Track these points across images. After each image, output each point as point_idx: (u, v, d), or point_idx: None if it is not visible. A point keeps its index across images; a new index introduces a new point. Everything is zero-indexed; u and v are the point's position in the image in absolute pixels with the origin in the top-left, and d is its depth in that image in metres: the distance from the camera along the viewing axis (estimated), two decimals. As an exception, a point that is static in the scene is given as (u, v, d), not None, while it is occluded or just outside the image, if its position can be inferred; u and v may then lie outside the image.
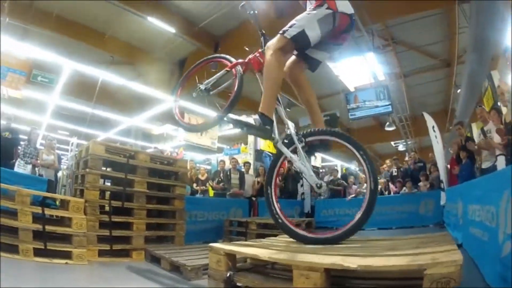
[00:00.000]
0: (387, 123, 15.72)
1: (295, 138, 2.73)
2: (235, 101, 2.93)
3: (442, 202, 8.50)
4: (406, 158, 12.08)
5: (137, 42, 12.31)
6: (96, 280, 3.70)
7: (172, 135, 18.10)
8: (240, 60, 3.04)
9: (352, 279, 2.16)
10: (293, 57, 2.96)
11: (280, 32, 2.66)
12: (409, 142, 18.75)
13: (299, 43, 2.67)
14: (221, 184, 9.85)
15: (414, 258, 1.71)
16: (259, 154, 13.44)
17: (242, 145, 14.82)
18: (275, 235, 3.70)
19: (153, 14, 10.04)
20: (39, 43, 9.72)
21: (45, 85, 11.21)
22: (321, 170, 14.89)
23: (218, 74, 3.16)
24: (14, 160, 7.89)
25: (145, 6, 9.82)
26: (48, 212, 4.31)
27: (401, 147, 20.01)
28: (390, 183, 11.26)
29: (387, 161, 12.94)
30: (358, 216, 2.49)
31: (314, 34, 2.61)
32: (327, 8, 2.61)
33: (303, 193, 11.40)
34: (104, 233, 4.71)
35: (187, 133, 14.99)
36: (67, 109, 14.65)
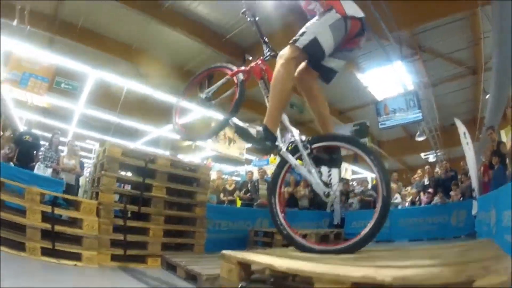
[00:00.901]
0: (418, 132, 15.20)
1: (300, 145, 2.54)
2: (237, 108, 2.83)
3: (474, 212, 8.21)
4: (437, 169, 11.57)
5: (164, 54, 12.30)
6: (96, 282, 3.58)
7: (201, 147, 17.99)
8: (241, 68, 2.93)
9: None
10: (303, 64, 2.73)
11: (291, 41, 2.46)
12: (438, 153, 18.13)
13: (312, 52, 2.47)
14: (248, 195, 9.67)
15: (462, 268, 1.40)
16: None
17: (271, 156, 14.56)
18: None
19: (181, 26, 10.16)
20: (63, 52, 9.89)
21: (69, 93, 11.34)
22: (351, 183, 14.45)
23: (218, 82, 3.09)
24: (34, 163, 8.17)
25: (172, 18, 9.91)
26: (57, 211, 4.21)
27: (431, 158, 19.36)
28: (421, 193, 10.81)
29: (418, 171, 12.45)
30: (369, 226, 2.22)
31: (327, 41, 2.41)
32: (336, 13, 2.41)
33: (332, 205, 11.04)
34: (118, 238, 4.56)
35: (215, 144, 15.00)
36: (94, 119, 14.81)
